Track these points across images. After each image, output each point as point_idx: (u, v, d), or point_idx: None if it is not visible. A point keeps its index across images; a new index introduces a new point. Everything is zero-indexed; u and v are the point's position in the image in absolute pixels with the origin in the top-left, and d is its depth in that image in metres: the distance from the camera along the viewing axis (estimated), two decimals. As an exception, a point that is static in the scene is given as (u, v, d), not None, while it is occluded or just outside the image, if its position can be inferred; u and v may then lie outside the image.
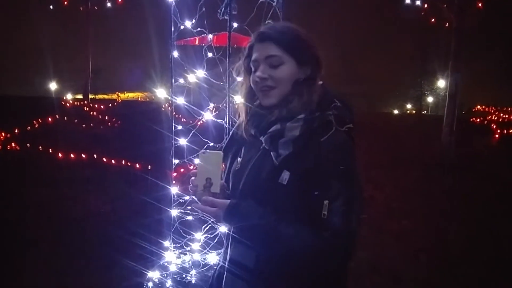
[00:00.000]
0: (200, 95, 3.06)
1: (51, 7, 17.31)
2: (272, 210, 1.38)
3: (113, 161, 8.78)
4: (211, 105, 2.98)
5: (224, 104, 2.87)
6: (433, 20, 12.28)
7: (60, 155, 9.39)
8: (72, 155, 9.29)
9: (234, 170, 1.57)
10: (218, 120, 2.86)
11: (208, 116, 2.90)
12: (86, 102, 18.01)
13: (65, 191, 6.79)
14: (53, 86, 37.69)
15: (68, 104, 17.38)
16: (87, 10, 18.58)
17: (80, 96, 20.70)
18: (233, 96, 2.81)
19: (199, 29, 3.09)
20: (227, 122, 2.79)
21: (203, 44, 3.10)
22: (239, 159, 1.58)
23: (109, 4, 16.08)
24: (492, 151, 12.55)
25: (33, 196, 6.50)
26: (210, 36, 3.08)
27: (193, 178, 1.48)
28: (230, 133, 1.68)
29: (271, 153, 1.43)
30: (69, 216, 5.61)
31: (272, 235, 1.34)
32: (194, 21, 3.07)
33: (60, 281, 3.84)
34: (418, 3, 11.50)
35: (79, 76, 20.97)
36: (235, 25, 2.98)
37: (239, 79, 1.63)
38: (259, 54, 1.47)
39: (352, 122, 1.46)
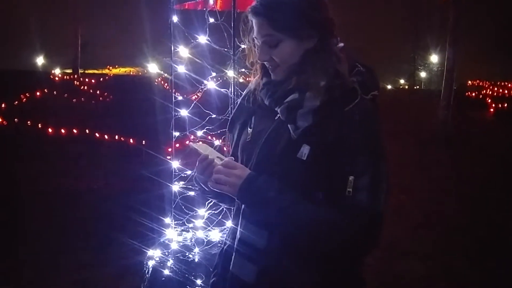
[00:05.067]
0: (202, 64, 2.87)
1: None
2: (291, 187, 1.25)
3: (106, 136, 8.59)
4: (213, 74, 2.80)
5: (226, 76, 2.70)
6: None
7: (50, 130, 9.17)
8: (62, 130, 9.08)
9: (244, 142, 1.42)
10: (222, 90, 2.69)
11: (211, 85, 2.73)
12: (76, 76, 17.67)
13: (56, 167, 6.65)
14: (40, 60, 36.84)
15: (57, 78, 17.04)
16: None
17: (69, 71, 20.30)
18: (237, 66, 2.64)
19: (199, -8, 2.88)
20: (232, 92, 2.62)
21: (205, 8, 2.90)
22: (250, 130, 1.42)
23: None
24: (488, 125, 12.61)
25: (24, 171, 6.32)
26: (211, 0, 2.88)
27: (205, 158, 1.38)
28: (237, 102, 1.53)
29: (289, 125, 1.27)
30: (60, 192, 5.48)
31: (291, 212, 1.23)
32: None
33: (54, 259, 3.71)
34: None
35: (68, 50, 20.52)
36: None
37: (244, 46, 1.47)
38: (256, 31, 1.33)
39: (377, 89, 1.33)
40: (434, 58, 34.13)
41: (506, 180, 6.74)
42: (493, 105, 14.95)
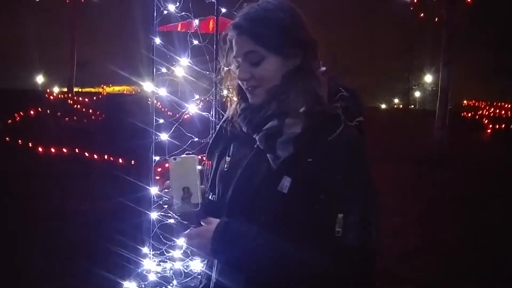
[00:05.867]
0: (186, 86, 2.81)
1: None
2: (269, 225, 1.13)
3: (95, 156, 8.49)
4: (196, 96, 2.73)
5: (211, 96, 2.64)
6: (422, 15, 12.26)
7: (40, 149, 9.08)
8: (52, 150, 8.99)
9: (222, 172, 1.31)
10: (204, 113, 2.61)
11: (192, 108, 2.65)
12: (70, 95, 17.74)
13: (44, 186, 6.53)
14: (40, 79, 37.32)
15: (52, 97, 17.07)
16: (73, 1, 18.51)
17: (66, 89, 20.47)
18: (221, 88, 2.57)
19: (183, 13, 2.82)
20: (213, 115, 2.54)
21: (188, 31, 2.85)
22: (228, 158, 1.31)
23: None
24: (485, 145, 12.61)
25: (9, 192, 6.17)
26: (196, 21, 2.83)
27: (166, 190, 1.25)
28: (217, 127, 1.43)
29: (268, 155, 1.16)
30: (46, 212, 5.35)
31: (271, 257, 1.11)
32: (178, 4, 2.80)
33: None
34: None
35: (66, 69, 20.75)
36: (223, 10, 2.76)
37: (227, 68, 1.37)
38: (237, 49, 1.25)
39: (362, 114, 1.22)
40: (428, 78, 34.48)
41: (501, 201, 6.70)
42: (490, 126, 14.94)
